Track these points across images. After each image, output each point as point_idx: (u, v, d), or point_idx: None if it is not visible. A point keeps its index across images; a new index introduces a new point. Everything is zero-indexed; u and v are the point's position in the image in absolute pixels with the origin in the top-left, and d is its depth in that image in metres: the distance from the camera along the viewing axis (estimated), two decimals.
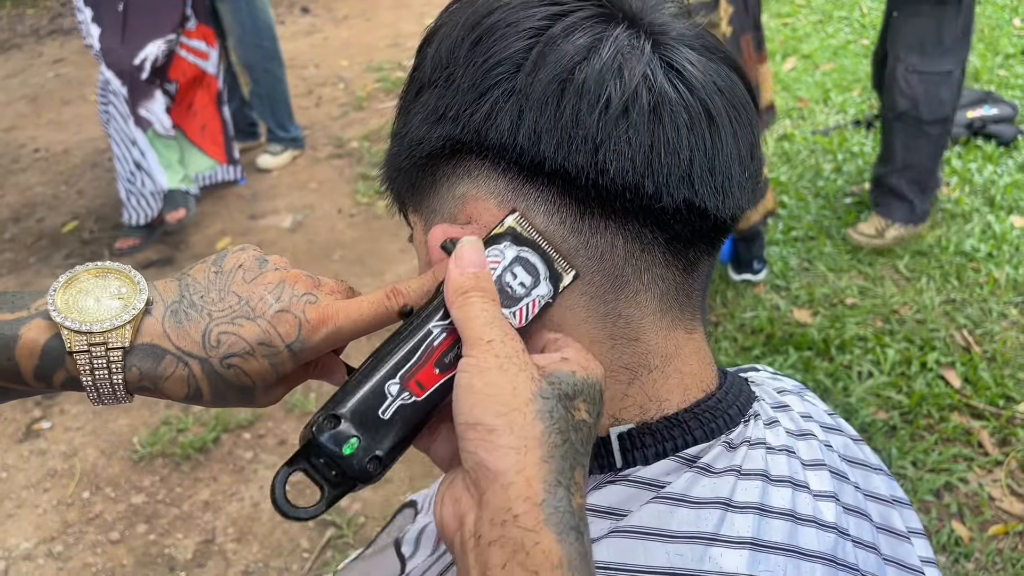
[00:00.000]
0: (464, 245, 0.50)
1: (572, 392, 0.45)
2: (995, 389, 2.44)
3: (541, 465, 0.42)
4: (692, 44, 0.53)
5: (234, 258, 0.56)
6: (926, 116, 2.94)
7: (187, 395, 0.54)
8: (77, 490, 2.45)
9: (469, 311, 0.47)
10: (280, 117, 4.25)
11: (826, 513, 0.59)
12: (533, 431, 0.43)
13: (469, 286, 0.48)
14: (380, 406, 0.46)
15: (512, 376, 0.44)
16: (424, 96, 0.55)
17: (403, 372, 0.47)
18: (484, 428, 0.43)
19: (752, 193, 0.56)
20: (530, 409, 0.43)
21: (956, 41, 2.86)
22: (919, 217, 3.08)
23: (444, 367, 0.48)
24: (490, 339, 0.46)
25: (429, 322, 0.49)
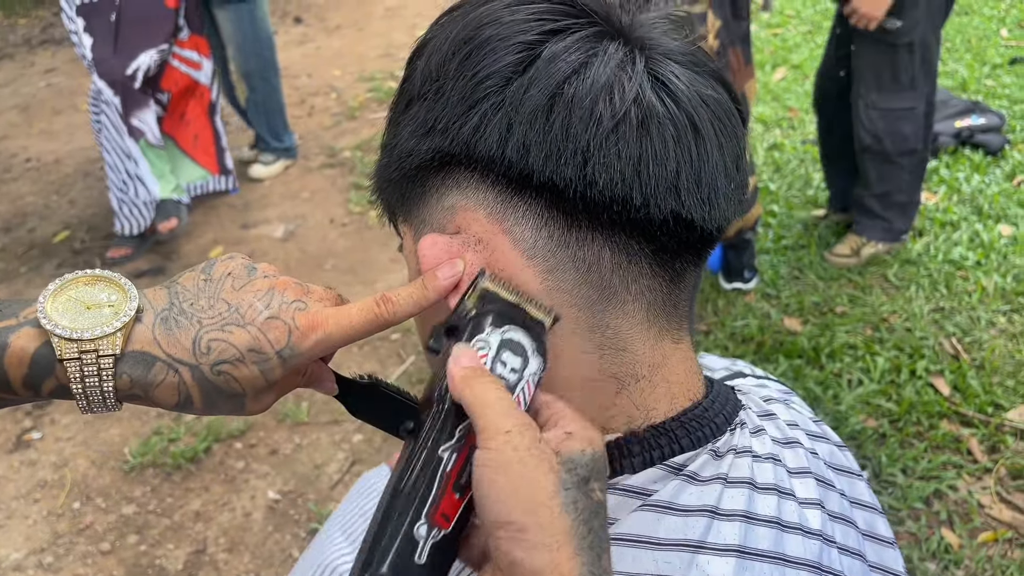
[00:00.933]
0: (458, 351, 0.50)
1: (587, 475, 0.45)
2: (984, 397, 2.45)
3: (574, 559, 0.43)
4: (679, 59, 0.54)
5: (223, 266, 0.57)
6: (891, 151, 2.91)
7: (177, 402, 0.54)
8: (67, 500, 2.44)
9: (484, 394, 0.47)
10: (275, 126, 4.27)
11: (812, 520, 0.59)
12: (562, 525, 0.43)
13: (473, 375, 0.48)
14: (414, 552, 0.45)
15: (533, 469, 0.44)
16: (414, 108, 0.56)
17: (426, 511, 0.46)
18: (515, 527, 0.43)
19: (738, 204, 0.57)
20: (555, 503, 0.43)
21: (914, 79, 2.81)
22: (896, 235, 3.08)
23: (462, 489, 0.47)
24: (507, 430, 0.45)
25: (436, 448, 0.48)
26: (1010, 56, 4.72)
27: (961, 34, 5.15)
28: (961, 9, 5.55)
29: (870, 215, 3.06)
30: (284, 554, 2.22)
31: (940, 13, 2.76)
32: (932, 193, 3.49)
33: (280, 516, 2.33)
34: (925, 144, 2.94)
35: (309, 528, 2.27)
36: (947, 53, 4.91)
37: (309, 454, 2.52)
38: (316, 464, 2.49)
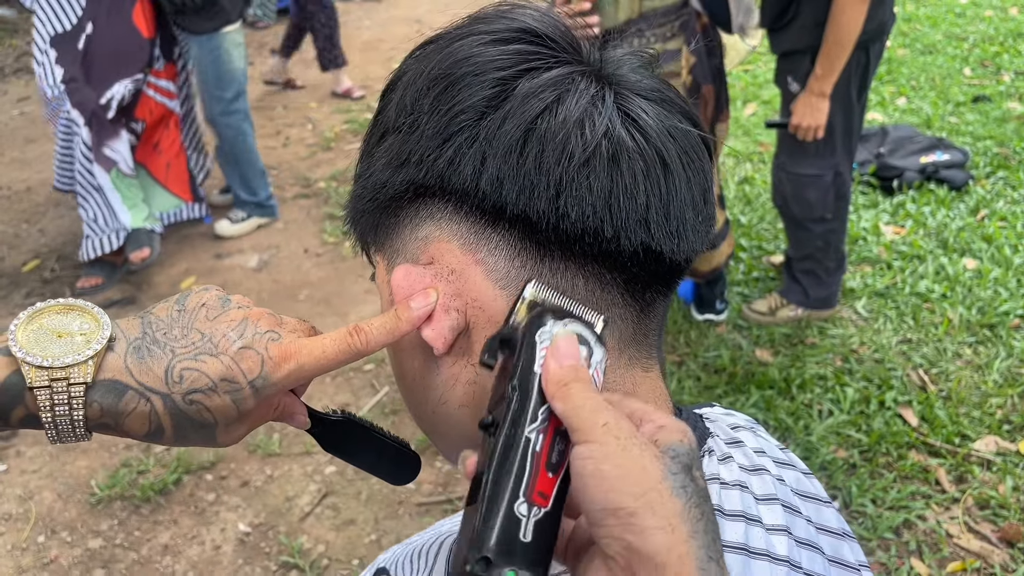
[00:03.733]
0: (559, 339, 0.49)
1: (689, 462, 0.45)
2: (951, 427, 2.49)
3: (690, 542, 0.42)
4: (648, 95, 0.56)
5: (197, 297, 0.57)
6: (798, 215, 2.88)
7: (148, 432, 0.54)
8: (32, 534, 2.40)
9: (575, 400, 0.47)
10: (247, 177, 3.93)
11: (778, 547, 0.60)
12: (674, 508, 0.42)
13: (570, 378, 0.48)
14: (519, 530, 0.45)
15: (638, 456, 0.44)
16: (388, 140, 0.57)
17: (523, 489, 0.46)
18: (625, 512, 0.42)
19: (706, 236, 0.58)
20: (665, 487, 0.43)
21: (820, 149, 2.73)
22: (814, 303, 3.00)
23: (554, 468, 0.47)
24: (605, 422, 0.45)
25: (523, 429, 0.48)
26: (973, 94, 4.85)
27: (925, 72, 5.28)
28: (925, 48, 5.70)
29: (790, 277, 3.02)
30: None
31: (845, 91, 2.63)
32: (899, 227, 3.56)
33: (251, 549, 2.30)
34: (836, 215, 2.86)
35: (280, 561, 2.25)
36: (912, 91, 5.03)
37: (280, 486, 2.50)
38: (288, 496, 2.46)
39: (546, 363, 0.49)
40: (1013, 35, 5.76)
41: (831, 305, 3.03)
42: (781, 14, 2.65)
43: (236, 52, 3.68)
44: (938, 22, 6.21)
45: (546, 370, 0.49)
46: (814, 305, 3.01)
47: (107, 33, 3.31)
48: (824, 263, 2.94)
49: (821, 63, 2.53)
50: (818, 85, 2.57)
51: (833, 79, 2.55)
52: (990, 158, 4.05)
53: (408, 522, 2.34)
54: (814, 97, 2.59)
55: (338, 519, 2.37)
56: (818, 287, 2.98)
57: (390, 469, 0.66)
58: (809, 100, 2.60)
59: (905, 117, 4.65)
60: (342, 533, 2.33)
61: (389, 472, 0.66)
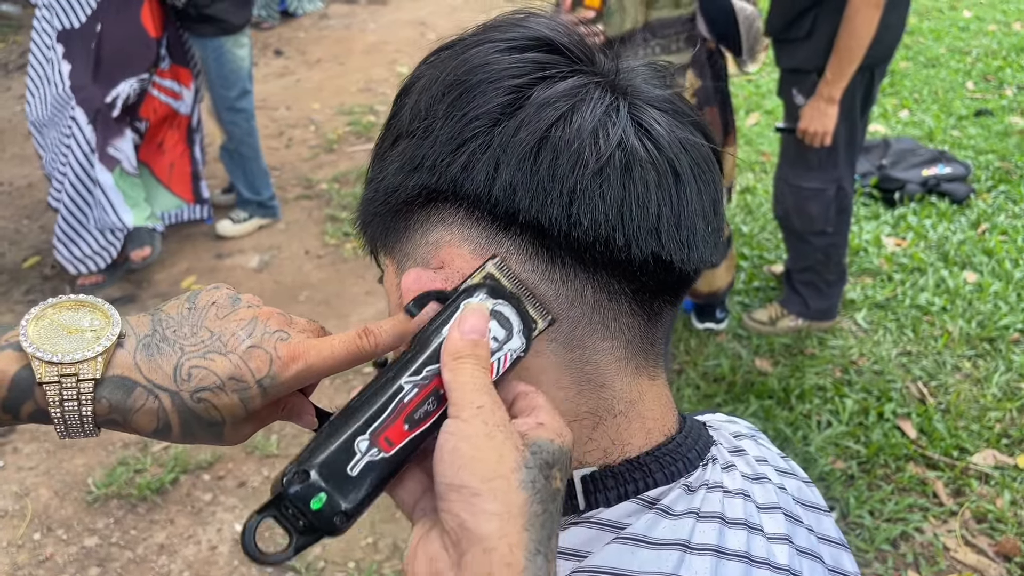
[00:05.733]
0: (469, 310, 0.51)
1: (551, 461, 0.47)
2: (949, 440, 2.49)
3: (523, 533, 0.43)
4: (661, 106, 0.56)
5: (207, 295, 0.57)
6: (799, 228, 2.88)
7: (156, 429, 0.54)
8: (28, 531, 2.39)
9: (461, 375, 0.49)
10: (249, 176, 3.94)
11: (779, 556, 0.61)
12: (517, 499, 0.44)
13: (466, 352, 0.50)
14: (349, 462, 0.47)
15: (499, 444, 0.45)
16: (401, 145, 0.58)
17: (373, 428, 0.48)
18: (469, 491, 0.44)
19: (715, 247, 0.59)
20: (515, 477, 0.44)
21: (822, 162, 2.72)
22: (814, 315, 3.00)
23: (413, 423, 0.49)
24: (480, 405, 0.47)
25: (400, 377, 0.49)
26: (975, 108, 4.86)
27: (928, 86, 5.30)
28: (928, 62, 5.72)
29: (791, 288, 3.02)
30: None
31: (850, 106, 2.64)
32: (900, 239, 3.57)
33: None
34: (837, 229, 2.86)
35: None
36: (914, 104, 5.04)
37: None
38: None
39: (450, 330, 0.51)
40: (1016, 50, 5.78)
41: (831, 317, 3.03)
42: (791, 26, 2.63)
43: (240, 53, 3.69)
44: (941, 35, 6.22)
45: (448, 337, 0.51)
46: (814, 316, 3.01)
47: (115, 32, 3.31)
48: (824, 275, 2.94)
49: (832, 68, 2.52)
50: (827, 90, 2.56)
51: (843, 84, 2.54)
52: (992, 172, 4.05)
53: (405, 526, 2.34)
54: (823, 102, 2.59)
55: None
56: (818, 299, 2.98)
57: None
58: (818, 105, 2.60)
59: (907, 130, 4.66)
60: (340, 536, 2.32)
61: None
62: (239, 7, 3.59)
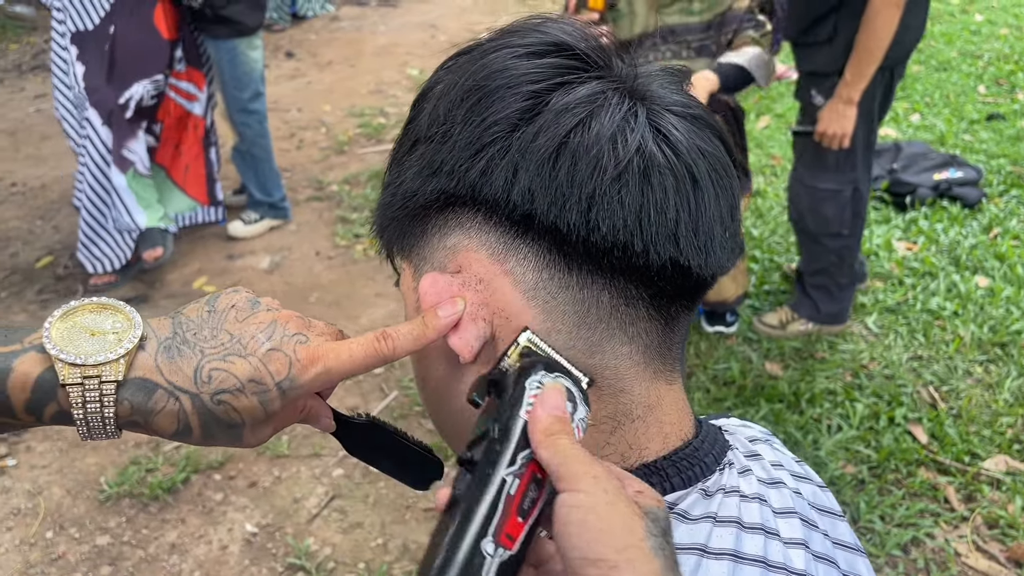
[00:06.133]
0: (549, 389, 0.50)
1: (665, 528, 0.46)
2: (961, 446, 2.48)
3: None
4: (679, 112, 0.57)
5: (227, 299, 0.58)
6: (813, 229, 2.88)
7: (176, 431, 0.55)
8: (40, 529, 2.41)
9: (564, 450, 0.47)
10: (261, 178, 3.97)
11: (796, 560, 0.61)
12: (653, 567, 0.43)
13: (557, 428, 0.49)
14: (482, 568, 0.46)
15: (623, 512, 0.45)
16: (419, 150, 0.58)
17: (493, 528, 0.47)
18: (606, 564, 0.43)
19: (732, 252, 0.59)
20: (646, 545, 0.44)
21: (840, 163, 2.73)
22: (825, 319, 3.00)
23: (524, 514, 0.48)
24: (595, 475, 0.46)
25: (501, 471, 0.48)
26: (987, 112, 4.84)
27: (940, 90, 5.28)
28: (940, 66, 5.70)
29: (802, 291, 3.02)
30: None
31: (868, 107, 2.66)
32: (911, 243, 3.56)
33: (257, 550, 2.30)
34: (852, 231, 2.86)
35: (286, 562, 2.25)
36: (926, 108, 5.03)
37: (288, 487, 2.51)
38: (295, 498, 2.47)
39: (534, 410, 0.50)
40: None
41: (842, 321, 3.02)
42: (810, 30, 2.63)
43: (253, 55, 3.71)
44: (953, 39, 6.20)
45: (534, 417, 0.49)
46: (825, 320, 3.00)
47: (128, 34, 3.33)
48: (837, 278, 2.94)
49: (851, 69, 2.52)
50: (847, 92, 2.55)
51: (862, 86, 2.53)
52: (1004, 176, 4.04)
53: (415, 527, 2.35)
54: (842, 104, 2.58)
55: (345, 522, 2.38)
56: (830, 302, 2.98)
57: (412, 473, 0.67)
58: (836, 107, 2.59)
59: (919, 134, 4.64)
60: (349, 536, 2.33)
61: (411, 476, 0.67)
62: (254, 9, 3.61)
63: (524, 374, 0.52)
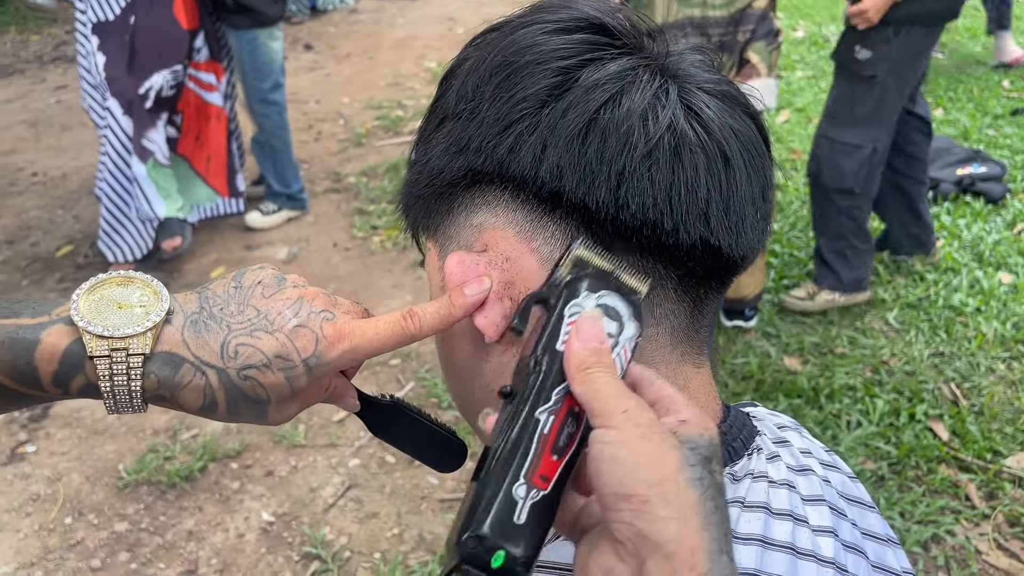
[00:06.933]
0: (583, 319, 0.49)
1: (709, 455, 0.45)
2: (982, 443, 2.45)
3: (701, 533, 0.42)
4: (710, 91, 0.56)
5: (253, 275, 0.57)
6: (828, 183, 2.96)
7: (202, 406, 0.55)
8: (59, 515, 2.43)
9: (596, 384, 0.47)
10: (280, 169, 3.96)
11: (825, 548, 0.60)
12: (688, 499, 0.42)
13: (592, 361, 0.48)
14: (514, 512, 0.46)
15: (657, 445, 0.43)
16: (447, 127, 0.57)
17: (525, 471, 0.46)
18: (639, 499, 0.42)
19: (763, 233, 0.58)
20: (681, 478, 0.43)
21: (868, 117, 2.86)
22: (846, 286, 3.05)
23: (560, 451, 0.47)
24: (625, 408, 0.45)
25: (534, 411, 0.48)
26: (1012, 107, 4.78)
27: (963, 84, 5.22)
28: (964, 60, 5.63)
29: (822, 263, 3.08)
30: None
31: (908, 67, 2.84)
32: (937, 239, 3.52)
33: (273, 538, 2.31)
34: (864, 191, 2.95)
35: (302, 551, 2.26)
36: (949, 102, 4.97)
37: (305, 477, 2.51)
38: (311, 487, 2.47)
39: (569, 343, 0.49)
40: None
41: (864, 288, 3.09)
42: None
43: (274, 46, 3.73)
44: (977, 33, 6.13)
45: (568, 351, 0.48)
46: (849, 288, 3.07)
47: (148, 25, 3.35)
48: (852, 242, 3.01)
49: None
50: None
51: None
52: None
53: (431, 517, 2.35)
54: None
55: (361, 512, 2.38)
56: (848, 269, 3.04)
57: (436, 456, 0.66)
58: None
59: (942, 128, 4.59)
60: (365, 526, 2.34)
61: (435, 459, 0.66)
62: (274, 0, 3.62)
63: (566, 297, 0.50)
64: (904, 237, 3.28)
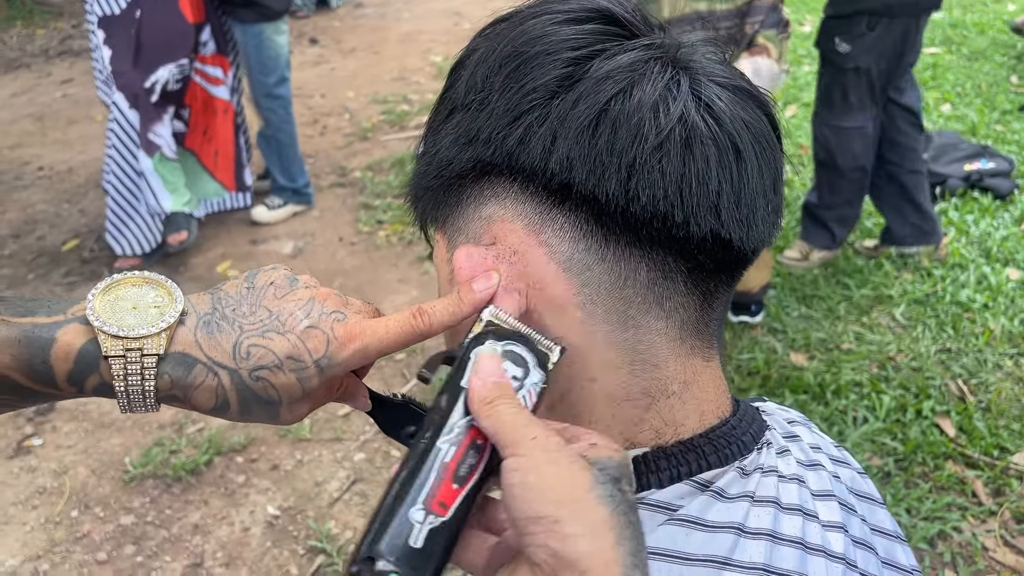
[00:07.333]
0: (481, 358, 0.51)
1: (617, 475, 0.45)
2: (989, 439, 2.45)
3: (616, 548, 0.42)
4: (722, 83, 0.55)
5: (265, 276, 0.58)
6: (842, 165, 3.13)
7: (215, 406, 0.55)
8: (66, 508, 2.43)
9: (503, 416, 0.48)
10: (287, 163, 3.96)
11: (834, 544, 0.59)
12: (599, 515, 0.43)
13: (495, 395, 0.49)
14: (410, 536, 0.46)
15: (565, 467, 0.44)
16: (456, 118, 0.57)
17: (423, 497, 0.48)
18: (549, 519, 0.42)
19: (774, 227, 0.57)
20: (591, 496, 0.43)
21: (862, 101, 3.03)
22: (838, 243, 3.31)
23: (461, 481, 0.48)
24: (533, 436, 0.46)
25: (435, 441, 0.49)
26: (1020, 102, 4.75)
27: (971, 80, 5.19)
28: (972, 55, 5.61)
29: (817, 224, 3.26)
30: (282, 570, 2.20)
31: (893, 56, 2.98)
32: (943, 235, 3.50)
33: (279, 532, 2.31)
34: (870, 161, 3.17)
35: (308, 545, 2.26)
36: (957, 98, 4.95)
37: (310, 471, 2.51)
38: (317, 481, 2.47)
39: (471, 380, 0.50)
40: None
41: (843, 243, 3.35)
42: None
43: (279, 40, 3.72)
44: (985, 28, 6.10)
45: (471, 387, 0.50)
46: (836, 246, 3.30)
47: (154, 18, 3.35)
48: (853, 207, 3.23)
49: None
50: None
51: None
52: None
53: None
54: None
55: (366, 506, 2.38)
56: (841, 228, 3.26)
57: None
58: None
59: (950, 124, 4.57)
60: None
61: None
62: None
63: (472, 345, 0.52)
64: (906, 228, 3.30)
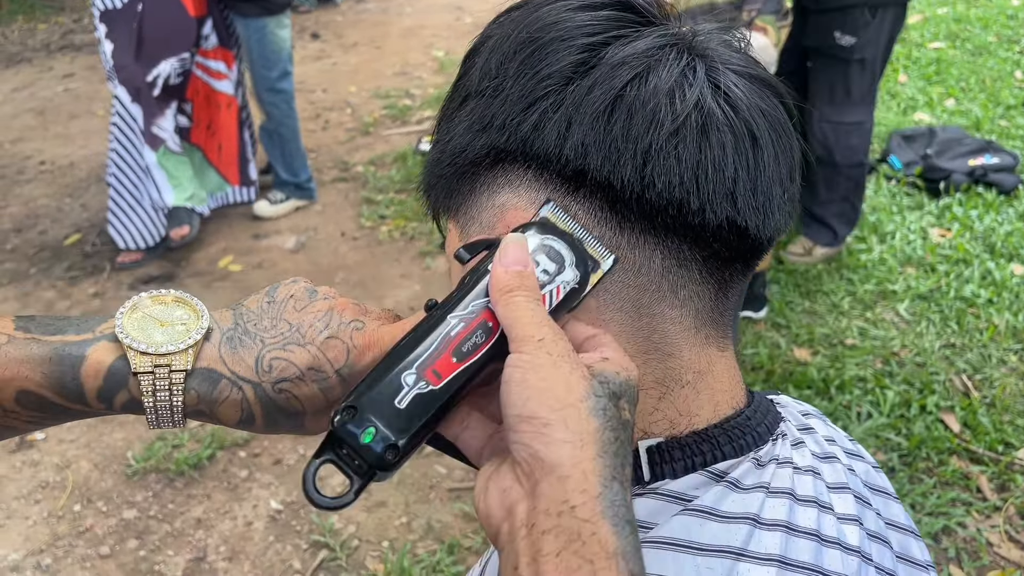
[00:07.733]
0: (508, 242, 0.51)
1: (619, 392, 0.46)
2: (994, 435, 2.44)
3: (597, 460, 0.43)
4: (738, 70, 0.55)
5: (285, 289, 0.58)
6: (841, 161, 3.15)
7: (240, 419, 0.55)
8: (68, 503, 2.43)
9: (516, 310, 0.48)
10: (288, 158, 3.95)
11: (850, 536, 0.59)
12: (588, 426, 0.43)
13: (515, 284, 0.49)
14: (396, 395, 0.47)
15: (566, 373, 0.45)
16: (470, 105, 0.56)
17: (419, 362, 0.48)
18: (539, 422, 0.43)
19: (791, 215, 0.57)
20: (584, 406, 0.44)
21: (864, 95, 3.07)
22: (840, 240, 3.32)
23: (461, 356, 0.49)
24: (541, 337, 0.46)
25: (448, 313, 0.50)
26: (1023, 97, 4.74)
27: (976, 75, 5.18)
28: (976, 50, 5.59)
29: (818, 221, 3.28)
30: (284, 565, 2.20)
31: (889, 45, 3.04)
32: (945, 230, 3.50)
33: (282, 527, 2.31)
34: (867, 156, 3.20)
35: (311, 539, 2.26)
36: (961, 93, 4.94)
37: None
38: (320, 476, 2.47)
39: (493, 264, 0.50)
40: None
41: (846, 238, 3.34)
42: None
43: (282, 34, 3.70)
44: (989, 23, 6.08)
45: (493, 272, 0.50)
46: (840, 241, 3.30)
47: (155, 12, 3.33)
48: (853, 203, 3.24)
49: None
50: None
51: None
52: None
53: (439, 506, 2.34)
54: None
55: (369, 501, 2.38)
56: (843, 225, 3.27)
57: None
58: None
59: (954, 119, 4.56)
60: (373, 515, 2.33)
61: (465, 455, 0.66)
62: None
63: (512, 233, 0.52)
64: None
